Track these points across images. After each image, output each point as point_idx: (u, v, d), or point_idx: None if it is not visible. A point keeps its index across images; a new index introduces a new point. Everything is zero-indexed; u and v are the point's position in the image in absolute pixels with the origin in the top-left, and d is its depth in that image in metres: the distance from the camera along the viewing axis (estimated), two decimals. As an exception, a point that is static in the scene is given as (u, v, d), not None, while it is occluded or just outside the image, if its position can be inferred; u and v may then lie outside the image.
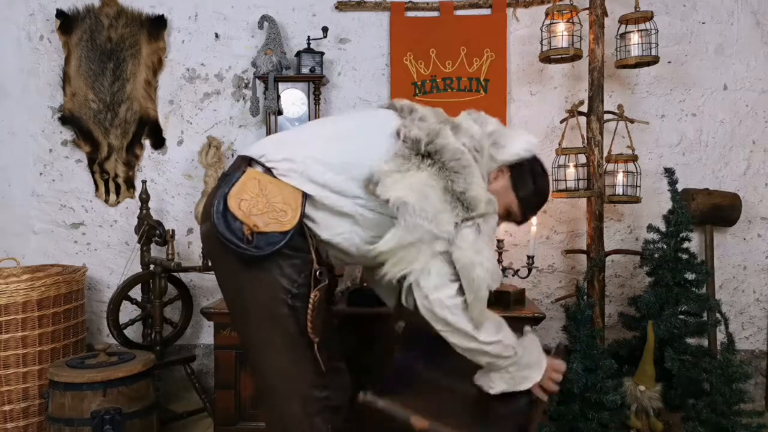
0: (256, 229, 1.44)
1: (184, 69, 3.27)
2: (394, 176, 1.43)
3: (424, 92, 3.18)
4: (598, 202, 2.78)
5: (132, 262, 3.05)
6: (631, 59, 2.81)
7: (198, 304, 3.09)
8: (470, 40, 3.15)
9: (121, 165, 3.28)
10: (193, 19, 3.26)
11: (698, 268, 2.52)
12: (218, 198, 1.47)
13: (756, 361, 3.13)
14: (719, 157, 3.16)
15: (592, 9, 2.79)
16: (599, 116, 2.78)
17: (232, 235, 1.44)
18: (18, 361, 2.58)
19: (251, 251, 1.44)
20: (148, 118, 3.26)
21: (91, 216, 3.31)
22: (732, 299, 3.17)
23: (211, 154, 3.05)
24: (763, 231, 3.16)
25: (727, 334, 2.41)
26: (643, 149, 3.07)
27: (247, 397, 2.54)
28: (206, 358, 3.22)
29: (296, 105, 3.09)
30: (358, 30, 3.22)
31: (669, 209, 2.58)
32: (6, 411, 2.59)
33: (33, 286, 2.60)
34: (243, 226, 1.44)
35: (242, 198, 1.45)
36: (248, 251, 1.44)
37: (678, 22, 3.14)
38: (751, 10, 3.12)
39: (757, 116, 3.14)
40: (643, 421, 2.31)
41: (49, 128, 3.29)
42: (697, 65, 3.15)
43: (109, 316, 2.86)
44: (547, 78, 3.19)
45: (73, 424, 2.29)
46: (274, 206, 1.45)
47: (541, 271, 3.19)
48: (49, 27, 3.26)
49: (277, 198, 1.46)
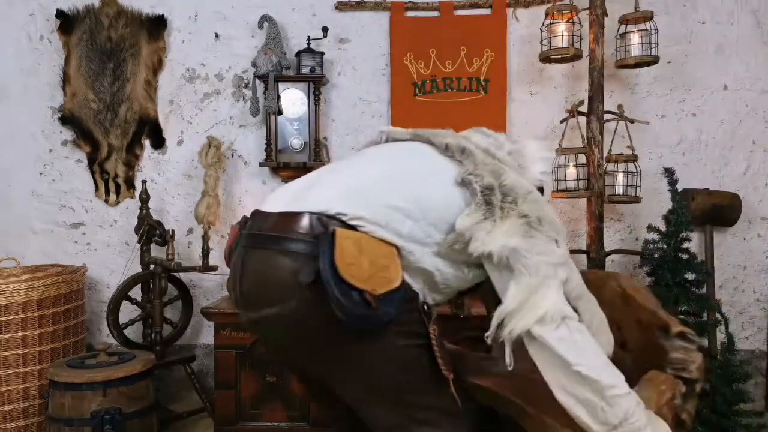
0: (375, 293, 1.25)
1: (184, 69, 3.27)
2: (485, 226, 1.33)
3: (424, 92, 3.18)
4: (598, 202, 2.78)
5: (132, 262, 3.05)
6: (631, 59, 2.81)
7: (198, 304, 3.08)
8: (470, 40, 3.15)
9: (121, 165, 3.28)
10: (193, 19, 3.26)
11: (698, 268, 2.52)
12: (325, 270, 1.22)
13: (756, 361, 3.13)
14: (719, 157, 3.16)
15: (592, 9, 2.79)
16: (599, 116, 2.78)
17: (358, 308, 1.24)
18: (18, 361, 2.58)
19: (382, 318, 1.26)
20: (148, 118, 3.26)
21: (91, 216, 3.31)
22: (732, 299, 3.16)
23: (211, 154, 3.05)
24: (763, 231, 3.16)
25: (727, 334, 2.41)
26: (643, 149, 3.07)
27: (247, 397, 2.54)
28: (206, 358, 3.22)
29: (296, 105, 3.09)
30: (358, 30, 3.22)
31: (669, 209, 2.58)
32: (6, 411, 2.59)
33: (33, 286, 2.60)
34: (361, 293, 1.24)
35: (348, 262, 1.24)
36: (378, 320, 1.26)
37: (678, 22, 3.14)
38: (751, 10, 3.12)
39: (757, 116, 3.14)
40: (643, 421, 2.31)
41: (49, 128, 3.29)
42: (697, 65, 3.15)
43: (109, 316, 2.86)
44: (547, 78, 3.19)
45: (73, 424, 2.29)
46: (377, 263, 1.28)
47: (541, 271, 3.19)
48: (49, 27, 3.26)
49: (376, 254, 1.29)
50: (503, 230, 1.33)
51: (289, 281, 1.27)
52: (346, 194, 1.36)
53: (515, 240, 1.31)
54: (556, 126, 3.08)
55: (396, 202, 1.34)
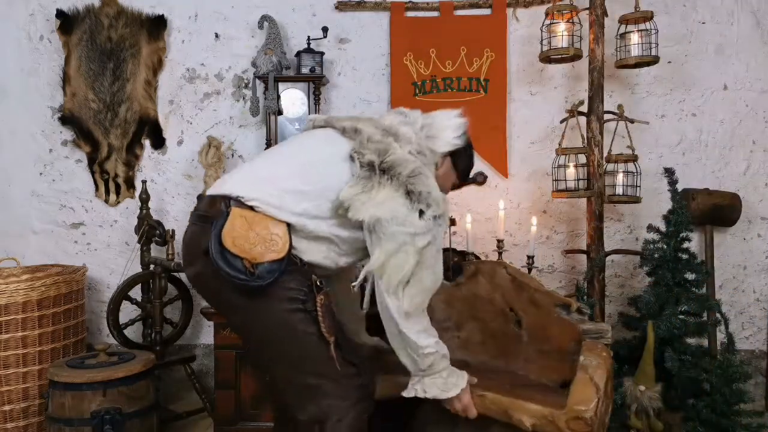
0: (255, 261, 1.54)
1: (184, 69, 3.27)
2: (361, 198, 1.57)
3: (424, 92, 3.18)
4: (598, 202, 2.78)
5: (132, 262, 3.04)
6: (631, 59, 2.81)
7: (198, 304, 3.08)
8: (470, 40, 3.15)
9: (121, 165, 3.28)
10: (193, 19, 3.26)
11: (698, 268, 2.53)
12: (212, 240, 1.55)
13: (756, 361, 3.13)
14: (719, 157, 3.16)
15: (592, 9, 2.79)
16: (599, 116, 2.79)
17: (236, 272, 1.53)
18: (18, 361, 2.58)
19: (257, 282, 1.55)
20: (148, 118, 3.26)
21: (91, 216, 3.31)
22: (732, 299, 3.17)
23: (211, 154, 3.05)
24: (763, 231, 3.16)
25: (727, 334, 2.41)
26: (643, 149, 3.07)
27: (247, 397, 2.54)
28: (206, 358, 3.22)
29: (296, 105, 3.09)
30: (358, 30, 3.22)
31: (669, 209, 2.59)
32: (6, 411, 2.59)
33: (33, 286, 2.60)
34: (242, 260, 1.54)
35: (234, 236, 1.55)
36: (254, 282, 1.54)
37: (678, 22, 3.14)
38: (751, 10, 3.12)
39: (757, 116, 3.14)
40: (643, 421, 2.31)
41: (49, 128, 3.29)
42: (697, 65, 3.15)
43: (109, 316, 2.86)
44: (547, 78, 3.19)
45: (73, 424, 2.29)
46: (265, 237, 1.57)
47: (541, 271, 3.19)
48: (49, 27, 3.26)
49: (266, 230, 1.58)
50: (376, 201, 1.57)
51: (199, 248, 1.61)
52: (251, 181, 1.65)
53: (381, 211, 1.56)
54: (556, 126, 3.08)
55: (294, 186, 1.62)
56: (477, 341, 2.14)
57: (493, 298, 2.12)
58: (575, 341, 1.85)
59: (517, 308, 2.06)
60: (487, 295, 2.13)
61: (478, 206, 3.17)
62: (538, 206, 3.21)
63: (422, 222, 1.58)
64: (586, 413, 1.59)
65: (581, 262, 3.10)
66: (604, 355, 1.74)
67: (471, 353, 2.11)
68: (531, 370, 1.98)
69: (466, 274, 2.19)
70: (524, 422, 1.65)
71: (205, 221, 1.62)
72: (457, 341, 2.13)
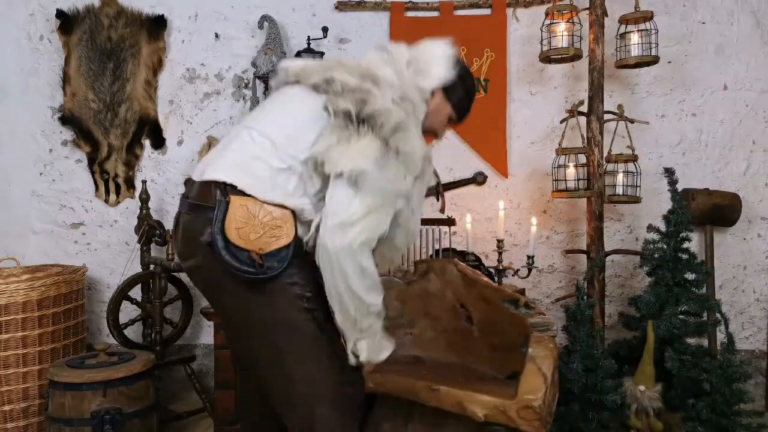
0: (262, 252, 1.46)
1: (184, 69, 3.27)
2: (337, 149, 1.45)
3: (424, 92, 3.18)
4: (598, 202, 2.78)
5: (132, 262, 3.05)
6: (631, 59, 2.81)
7: (198, 304, 3.09)
8: (470, 40, 3.15)
9: (121, 165, 3.28)
10: (193, 19, 3.26)
11: (698, 268, 2.52)
12: (216, 235, 1.45)
13: (756, 361, 3.13)
14: (719, 157, 3.16)
15: (592, 9, 2.79)
16: (599, 116, 2.78)
17: (243, 265, 1.45)
18: (18, 361, 2.58)
19: (266, 274, 1.46)
20: (148, 118, 3.26)
21: (91, 216, 3.31)
22: (732, 299, 3.17)
23: (211, 154, 3.05)
24: (763, 231, 3.16)
25: (727, 334, 2.41)
26: (643, 149, 3.07)
27: (247, 397, 2.54)
28: (206, 358, 3.22)
29: (296, 105, 3.09)
30: (358, 30, 3.22)
31: (669, 209, 2.58)
32: (6, 411, 2.59)
33: (33, 286, 2.60)
34: (248, 253, 1.45)
35: (238, 227, 1.46)
36: (262, 275, 1.46)
37: (678, 22, 3.14)
38: (751, 10, 3.12)
39: (757, 116, 3.14)
40: (643, 421, 2.31)
41: (49, 128, 3.29)
42: (697, 65, 3.15)
43: (109, 316, 2.86)
44: (547, 78, 3.19)
45: (73, 424, 2.29)
46: (268, 224, 1.48)
47: (541, 271, 3.19)
48: (49, 27, 3.26)
49: (268, 216, 1.48)
50: (356, 149, 1.44)
51: (198, 240, 1.49)
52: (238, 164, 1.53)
53: (366, 163, 1.43)
54: (556, 126, 3.08)
55: (277, 164, 1.50)
56: (430, 337, 2.17)
57: (444, 295, 2.15)
58: (524, 335, 1.89)
59: (468, 304, 2.10)
60: (439, 293, 2.16)
61: (478, 206, 3.17)
62: (538, 206, 3.21)
63: (406, 185, 1.51)
64: (534, 402, 1.66)
65: (581, 262, 3.10)
66: (551, 346, 1.80)
67: (424, 349, 2.15)
68: (482, 363, 2.03)
69: (418, 271, 2.22)
70: (477, 413, 1.70)
71: (199, 210, 1.52)
72: (410, 338, 2.17)
